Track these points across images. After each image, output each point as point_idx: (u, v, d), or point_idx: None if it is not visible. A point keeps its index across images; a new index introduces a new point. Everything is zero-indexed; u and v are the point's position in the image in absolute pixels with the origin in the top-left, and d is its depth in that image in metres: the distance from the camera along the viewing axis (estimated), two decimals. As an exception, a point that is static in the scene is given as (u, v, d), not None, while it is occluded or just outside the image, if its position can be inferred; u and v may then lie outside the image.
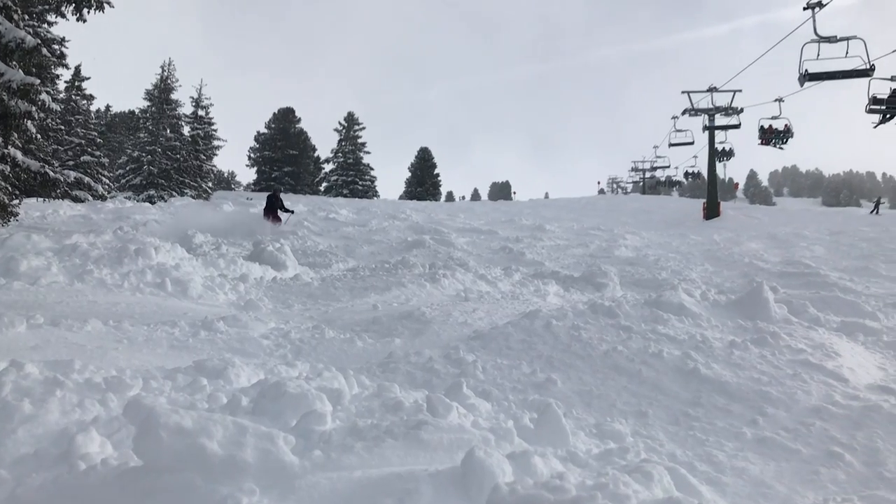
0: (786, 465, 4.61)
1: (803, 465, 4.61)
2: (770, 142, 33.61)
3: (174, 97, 52.79)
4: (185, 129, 54.39)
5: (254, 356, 7.18)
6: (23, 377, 4.67)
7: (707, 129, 37.33)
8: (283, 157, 69.78)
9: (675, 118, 41.14)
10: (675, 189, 74.24)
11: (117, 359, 6.36)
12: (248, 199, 44.62)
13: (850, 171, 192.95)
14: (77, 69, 44.05)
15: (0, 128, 14.72)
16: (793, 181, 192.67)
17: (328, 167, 74.78)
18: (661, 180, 69.17)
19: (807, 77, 24.43)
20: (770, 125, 33.39)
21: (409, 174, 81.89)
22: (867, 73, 24.11)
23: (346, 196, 62.13)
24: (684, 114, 37.93)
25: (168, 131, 51.31)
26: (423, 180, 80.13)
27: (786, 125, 33.23)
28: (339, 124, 74.51)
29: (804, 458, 4.70)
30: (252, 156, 71.84)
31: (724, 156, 40.99)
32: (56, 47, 27.26)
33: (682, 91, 36.72)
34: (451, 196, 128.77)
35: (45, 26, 25.49)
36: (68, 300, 9.45)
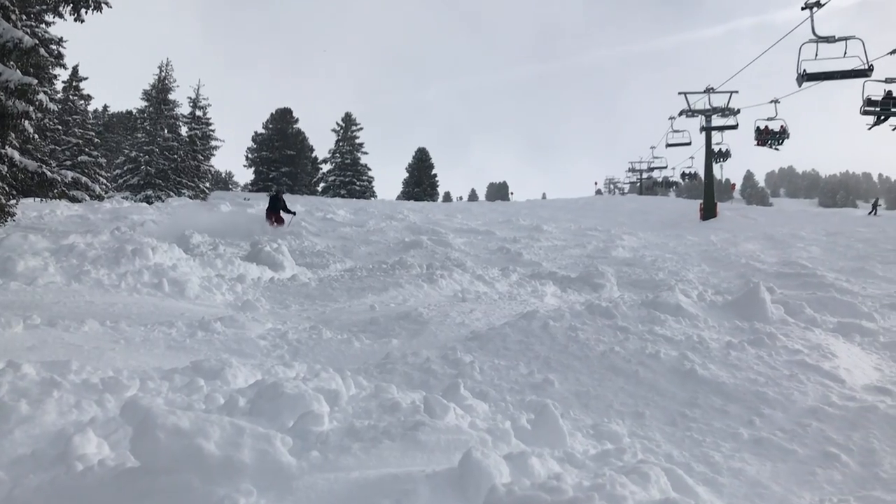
0: (782, 466, 4.62)
1: (800, 466, 4.62)
2: (766, 143, 33.76)
3: (172, 97, 52.80)
4: (183, 130, 54.39)
5: (251, 357, 7.18)
6: (20, 378, 4.66)
7: (704, 129, 37.37)
8: (281, 158, 69.74)
9: (672, 119, 41.25)
10: (671, 190, 74.27)
11: (114, 359, 6.35)
12: (245, 199, 44.61)
13: (847, 171, 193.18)
14: (75, 69, 44.01)
15: (-3, 128, 14.69)
16: (789, 182, 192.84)
17: (326, 167, 74.81)
18: (657, 181, 69.21)
19: (805, 77, 24.28)
20: (766, 126, 33.56)
21: (407, 175, 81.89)
22: (866, 73, 23.96)
23: (343, 196, 62.14)
24: (681, 115, 38.00)
25: (166, 131, 51.30)
26: (421, 181, 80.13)
27: (781, 126, 33.39)
28: (337, 125, 74.52)
29: (800, 459, 4.71)
30: (250, 156, 71.82)
31: (721, 157, 41.12)
32: (54, 47, 27.24)
33: (679, 92, 36.80)
34: (448, 196, 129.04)
35: (43, 26, 25.50)
36: (65, 300, 9.44)
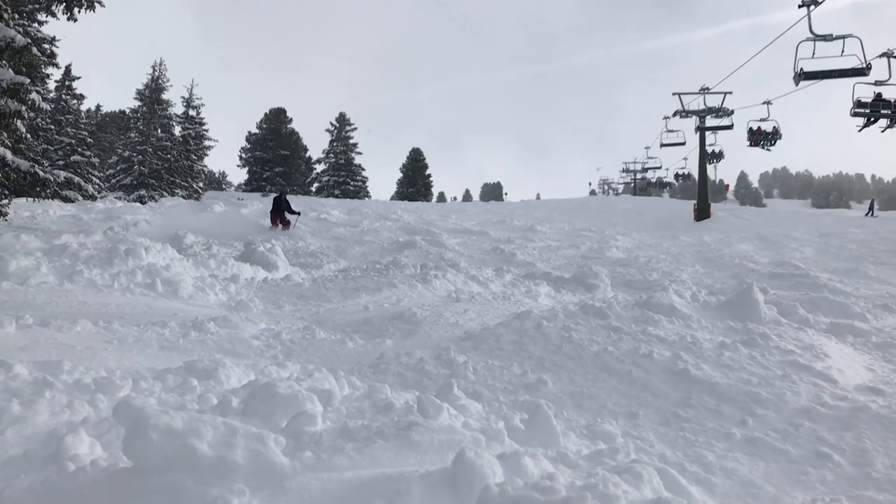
0: (775, 466, 4.63)
1: (792, 466, 4.63)
2: (759, 143, 33.88)
3: (165, 97, 52.68)
4: (176, 129, 54.26)
5: (244, 357, 7.17)
6: (11, 378, 4.65)
7: (699, 130, 37.43)
8: (275, 158, 69.59)
9: (666, 118, 41.28)
10: (665, 190, 74.38)
11: (107, 359, 6.33)
12: (238, 199, 44.53)
13: (840, 172, 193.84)
14: (67, 68, 43.84)
15: (-10, 127, 14.65)
16: (783, 183, 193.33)
17: (320, 168, 74.66)
18: (651, 182, 69.29)
19: (802, 76, 23.97)
20: (759, 127, 33.68)
21: (401, 175, 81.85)
22: (863, 72, 23.65)
23: (337, 197, 62.01)
24: (675, 115, 38.06)
25: (159, 131, 51.16)
26: (415, 181, 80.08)
27: (774, 127, 33.51)
28: (331, 125, 74.40)
29: (793, 459, 4.72)
30: (243, 156, 71.63)
31: (714, 158, 41.23)
32: (46, 46, 27.10)
33: (674, 93, 36.84)
34: (442, 197, 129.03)
35: (36, 25, 25.39)
36: (58, 300, 9.42)
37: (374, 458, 3.33)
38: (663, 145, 44.28)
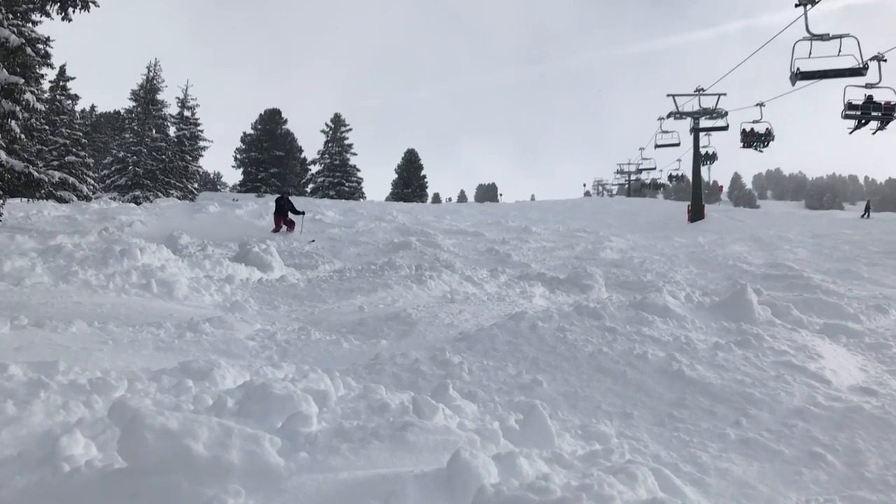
0: (769, 466, 4.65)
1: (786, 466, 4.65)
2: (752, 145, 34.02)
3: (160, 97, 52.55)
4: (171, 130, 54.16)
5: (239, 358, 7.16)
6: (6, 379, 4.65)
7: (693, 131, 37.50)
8: (270, 159, 69.49)
9: (661, 119, 41.29)
10: (659, 192, 74.46)
11: (102, 360, 6.32)
12: (233, 199, 44.47)
13: (834, 174, 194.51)
14: (62, 69, 43.67)
15: (-17, 127, 14.62)
16: (776, 184, 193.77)
17: (315, 168, 74.61)
18: (646, 183, 69.34)
19: (798, 76, 23.75)
20: (752, 129, 33.80)
21: (396, 176, 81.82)
22: (860, 71, 23.54)
23: (332, 197, 61.94)
24: (669, 116, 38.14)
25: (154, 132, 51.05)
26: (410, 182, 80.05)
27: (767, 128, 33.65)
28: (326, 125, 74.35)
29: (787, 459, 4.74)
30: (238, 157, 71.52)
31: (708, 159, 41.38)
32: (41, 46, 26.97)
33: (668, 94, 36.93)
34: (437, 198, 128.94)
35: (30, 25, 25.28)
36: (53, 301, 9.40)
37: (369, 458, 3.34)
38: (658, 146, 44.31)
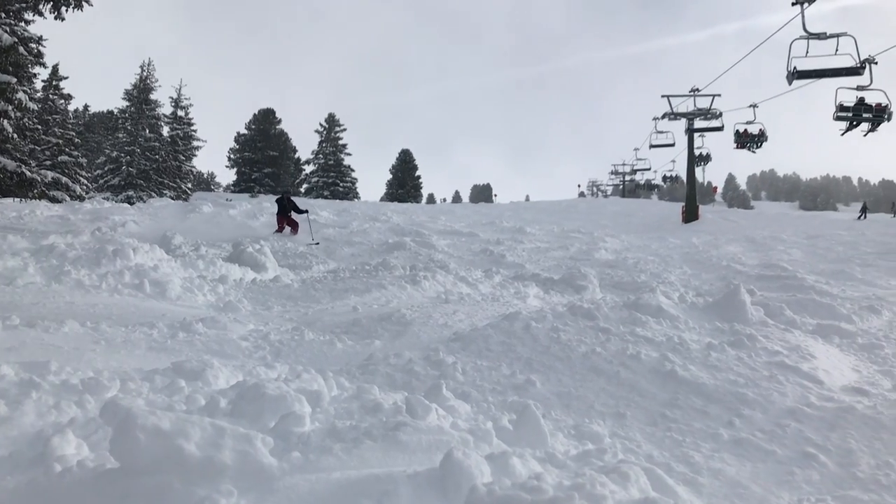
0: (761, 466, 4.66)
1: (778, 466, 4.66)
2: (745, 146, 34.23)
3: (153, 97, 52.57)
4: (165, 130, 54.12)
5: (232, 358, 7.15)
6: (-2, 379, 4.62)
7: (688, 131, 37.59)
8: (264, 159, 69.44)
9: (656, 119, 41.40)
10: (654, 192, 74.67)
11: (94, 360, 6.31)
12: (227, 199, 44.40)
13: (828, 175, 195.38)
14: (55, 68, 43.60)
15: (-24, 127, 14.58)
16: (770, 185, 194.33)
17: (309, 168, 74.58)
18: (640, 184, 69.54)
19: (795, 75, 23.76)
20: (745, 129, 33.99)
21: (391, 176, 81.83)
22: (857, 71, 23.62)
23: (326, 198, 61.92)
24: (664, 117, 38.26)
25: (147, 131, 51.00)
26: (405, 182, 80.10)
27: (760, 129, 33.86)
28: (320, 125, 74.31)
29: (779, 459, 4.75)
30: (232, 157, 71.46)
31: (702, 160, 41.52)
32: (33, 46, 26.90)
33: (662, 95, 37.02)
34: (432, 198, 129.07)
35: (23, 24, 25.20)
36: (45, 301, 9.37)
37: (362, 458, 3.33)
38: (652, 146, 44.43)
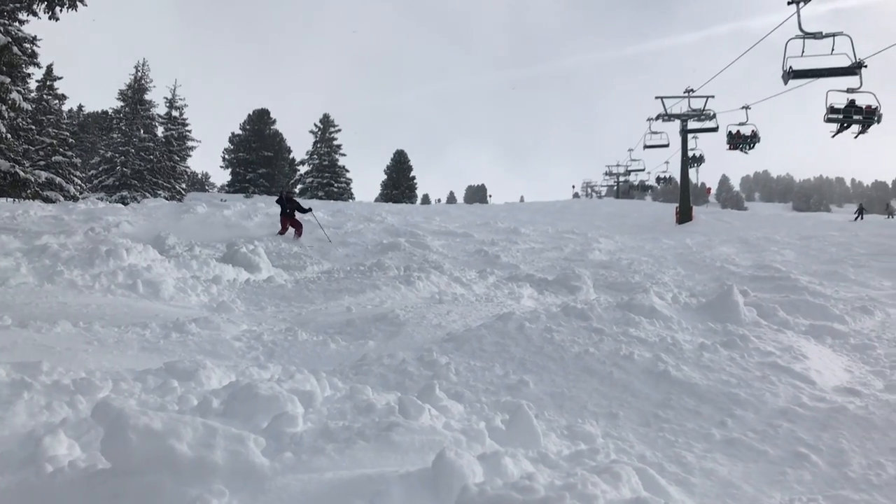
0: (753, 466, 4.67)
1: (770, 466, 4.67)
2: (738, 146, 34.36)
3: (148, 97, 52.41)
4: (159, 130, 54.00)
5: (225, 358, 7.14)
6: (-11, 379, 4.61)
7: (683, 132, 37.64)
8: (258, 159, 69.34)
9: (650, 120, 41.41)
10: (648, 193, 74.75)
11: (87, 360, 6.29)
12: (222, 200, 44.35)
13: (821, 176, 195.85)
14: (49, 68, 43.39)
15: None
16: (764, 186, 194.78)
17: (303, 169, 74.48)
18: (634, 185, 69.59)
19: (791, 75, 23.58)
20: (738, 131, 34.12)
21: (385, 177, 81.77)
22: (853, 71, 23.49)
23: (321, 198, 61.83)
24: (658, 118, 38.29)
25: (142, 132, 50.87)
26: (399, 183, 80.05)
27: (752, 131, 33.98)
28: (315, 126, 74.23)
29: (771, 459, 4.77)
30: (226, 157, 71.34)
31: (695, 162, 41.56)
32: (27, 46, 26.80)
33: (656, 96, 37.06)
34: (427, 199, 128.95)
35: (17, 24, 25.12)
36: (37, 301, 9.34)
37: (354, 458, 3.33)
38: (647, 147, 44.40)
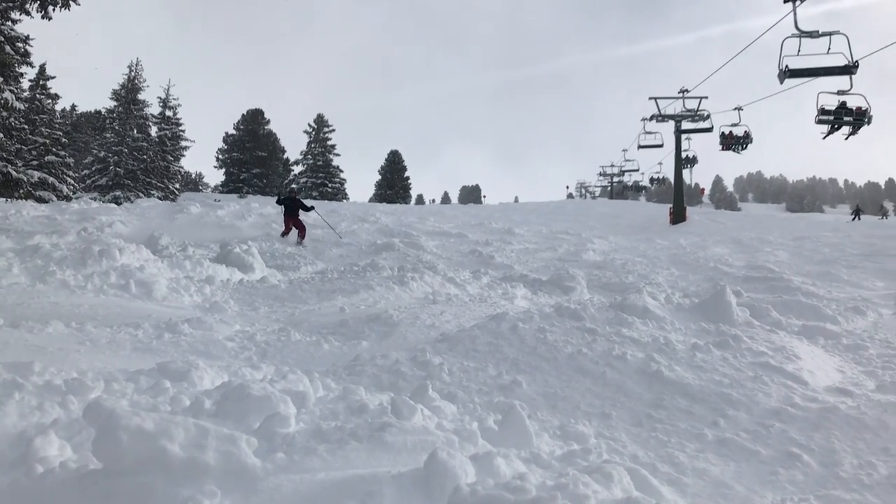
0: (745, 466, 4.68)
1: (762, 466, 4.68)
2: (730, 147, 34.58)
3: (142, 97, 52.35)
4: (153, 130, 53.92)
5: (218, 358, 7.12)
6: (-20, 380, 4.58)
7: (677, 132, 37.73)
8: (252, 159, 69.29)
9: (644, 120, 41.50)
10: (641, 194, 74.94)
11: (79, 361, 6.27)
12: (215, 200, 44.28)
13: (814, 177, 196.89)
14: (42, 67, 43.26)
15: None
16: (757, 187, 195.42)
17: (297, 169, 74.45)
18: (628, 185, 69.76)
19: (787, 74, 23.59)
20: (730, 132, 34.32)
21: (380, 177, 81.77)
22: (850, 70, 23.56)
23: (315, 198, 61.77)
24: (652, 119, 38.40)
25: (135, 131, 50.79)
26: (394, 183, 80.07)
27: (745, 132, 34.21)
28: (309, 126, 74.18)
29: (763, 459, 4.78)
30: (220, 157, 71.27)
31: (689, 162, 41.73)
32: (20, 45, 26.77)
33: (650, 97, 37.14)
34: (421, 199, 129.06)
35: (9, 24, 25.07)
36: (29, 301, 9.31)
37: (346, 459, 3.33)
38: (641, 147, 44.52)
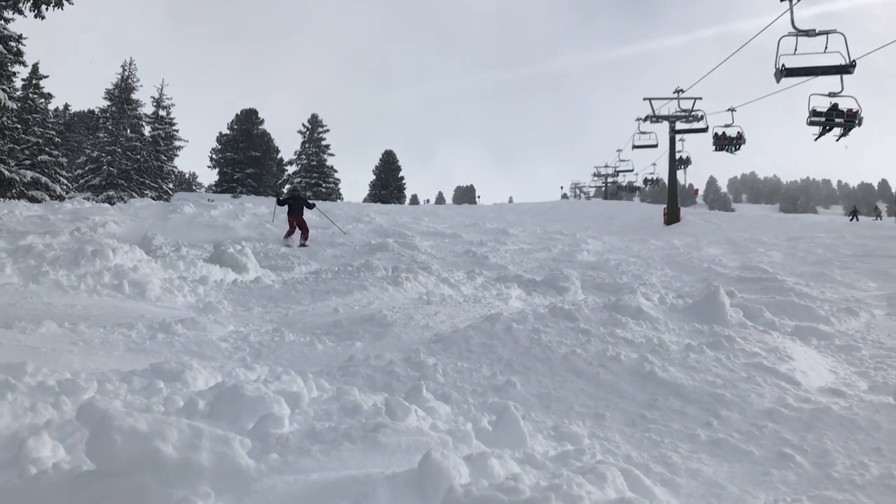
0: (738, 467, 4.69)
1: (755, 467, 4.69)
2: (724, 148, 34.76)
3: (135, 97, 52.24)
4: (146, 130, 53.79)
5: (212, 359, 7.11)
6: (-28, 380, 4.57)
7: (672, 132, 37.84)
8: (246, 159, 69.17)
9: (639, 120, 41.59)
10: (636, 195, 75.11)
11: (72, 361, 6.25)
12: (209, 200, 44.20)
13: (808, 178, 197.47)
14: (35, 67, 43.18)
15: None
16: (751, 188, 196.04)
17: (291, 169, 74.40)
18: (622, 186, 69.91)
19: (784, 73, 23.46)
20: (723, 133, 34.49)
21: (374, 177, 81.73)
22: (847, 69, 23.54)
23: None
24: (647, 119, 38.51)
25: (128, 131, 50.69)
26: (388, 183, 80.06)
27: (738, 132, 34.36)
28: (303, 126, 74.14)
29: (756, 460, 4.79)
30: (214, 157, 71.16)
31: (683, 163, 41.87)
32: (13, 44, 26.71)
33: (644, 98, 37.27)
34: (415, 199, 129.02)
35: (2, 23, 25.01)
36: (22, 302, 9.28)
37: (340, 459, 3.33)
38: (636, 147, 44.62)
